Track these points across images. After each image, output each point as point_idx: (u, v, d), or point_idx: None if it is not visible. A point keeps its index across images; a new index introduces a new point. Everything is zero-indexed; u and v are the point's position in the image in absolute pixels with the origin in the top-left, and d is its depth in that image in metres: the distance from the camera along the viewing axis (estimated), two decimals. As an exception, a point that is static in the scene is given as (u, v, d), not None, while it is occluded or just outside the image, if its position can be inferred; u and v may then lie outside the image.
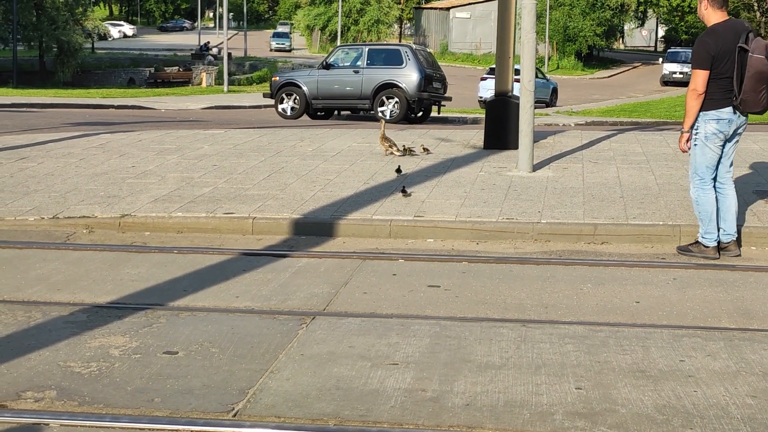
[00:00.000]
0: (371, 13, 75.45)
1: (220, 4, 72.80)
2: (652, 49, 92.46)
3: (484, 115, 13.49)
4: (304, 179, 10.00)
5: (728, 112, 7.42)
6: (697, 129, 7.53)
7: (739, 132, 7.63)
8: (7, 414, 4.34)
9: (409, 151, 11.57)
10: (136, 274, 6.89)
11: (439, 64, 27.66)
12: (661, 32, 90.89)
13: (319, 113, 24.78)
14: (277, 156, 11.62)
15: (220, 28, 76.89)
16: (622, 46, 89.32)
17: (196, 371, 4.91)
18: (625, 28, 79.51)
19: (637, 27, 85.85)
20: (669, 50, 61.91)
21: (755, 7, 56.90)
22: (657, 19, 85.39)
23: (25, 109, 24.88)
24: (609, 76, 65.55)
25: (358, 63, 24.21)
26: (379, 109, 23.25)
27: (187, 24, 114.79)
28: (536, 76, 11.28)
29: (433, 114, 25.47)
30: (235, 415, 4.38)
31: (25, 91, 40.84)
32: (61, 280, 6.69)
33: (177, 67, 62.68)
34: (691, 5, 65.60)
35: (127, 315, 5.86)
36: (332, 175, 10.24)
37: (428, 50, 29.48)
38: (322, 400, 4.55)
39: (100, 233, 8.24)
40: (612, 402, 4.55)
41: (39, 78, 56.41)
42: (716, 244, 7.54)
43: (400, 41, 76.45)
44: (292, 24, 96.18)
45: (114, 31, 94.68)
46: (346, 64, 24.53)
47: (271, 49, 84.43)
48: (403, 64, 23.60)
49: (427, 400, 4.55)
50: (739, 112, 7.44)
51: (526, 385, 4.74)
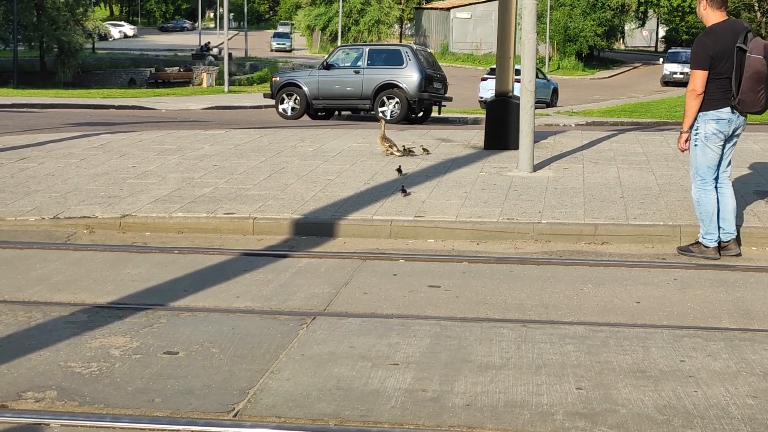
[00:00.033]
0: (372, 14, 75.47)
1: (221, 5, 72.81)
2: (653, 49, 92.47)
3: (484, 116, 13.48)
4: (305, 179, 10.01)
5: (728, 112, 7.42)
6: (697, 129, 7.53)
7: (738, 132, 7.63)
8: (8, 414, 4.34)
9: (409, 152, 11.57)
10: (136, 274, 6.89)
11: (440, 64, 27.66)
12: (662, 32, 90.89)
13: (319, 113, 24.77)
14: (278, 156, 11.62)
15: (221, 28, 76.99)
16: (622, 47, 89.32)
17: (197, 371, 4.91)
18: (626, 28, 79.53)
19: (638, 27, 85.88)
20: (669, 50, 61.90)
21: (756, 7, 56.86)
22: (657, 19, 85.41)
23: (25, 110, 24.88)
24: (609, 77, 65.55)
25: (359, 63, 24.20)
26: (380, 110, 23.25)
27: (187, 24, 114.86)
28: (537, 77, 11.28)
29: (434, 114, 25.46)
30: (235, 416, 4.38)
31: (26, 91, 40.86)
32: (62, 280, 6.70)
33: (177, 68, 62.72)
34: (692, 5, 65.58)
35: (127, 315, 5.86)
36: (333, 175, 10.25)
37: (429, 50, 29.47)
38: (323, 400, 4.55)
39: (101, 233, 8.24)
40: (612, 402, 4.55)
41: (39, 78, 56.45)
42: (717, 245, 7.54)
43: (400, 41, 76.48)
44: (293, 24, 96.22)
45: (114, 32, 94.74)
46: (346, 65, 24.52)
47: (272, 50, 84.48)
48: (404, 65, 23.59)
49: (428, 401, 4.55)
50: (738, 112, 7.45)
51: (526, 386, 4.74)
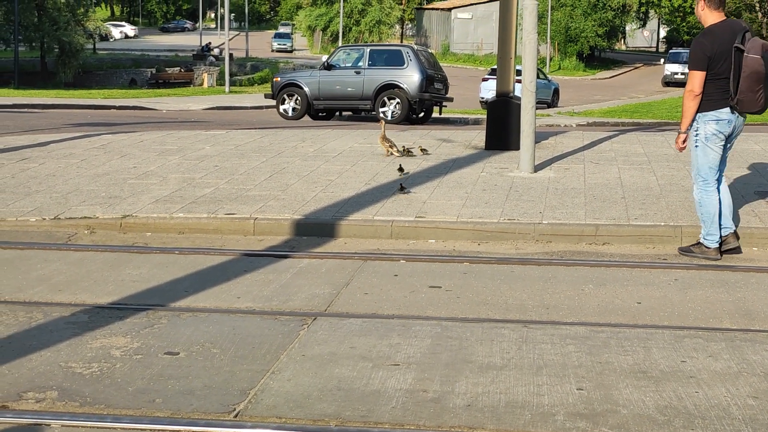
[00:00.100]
0: (373, 14, 75.46)
1: (222, 5, 72.84)
2: (654, 49, 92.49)
3: (485, 116, 13.49)
4: (306, 180, 10.01)
5: (727, 113, 7.41)
6: (697, 130, 7.53)
7: (737, 133, 7.63)
8: (9, 414, 4.34)
9: (408, 152, 11.58)
10: (137, 274, 6.89)
11: (441, 64, 27.66)
12: (663, 33, 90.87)
13: (320, 114, 24.78)
14: (279, 157, 11.62)
15: (222, 28, 77.04)
16: (623, 47, 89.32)
17: (198, 372, 4.91)
18: (627, 28, 79.54)
19: (639, 28, 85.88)
20: (670, 51, 61.93)
21: (757, 8, 56.86)
22: (659, 19, 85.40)
23: (26, 110, 24.89)
24: (610, 77, 65.57)
25: (360, 64, 24.21)
26: (381, 110, 23.25)
27: (188, 25, 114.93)
28: (538, 77, 11.28)
29: (435, 115, 25.47)
30: (236, 416, 4.38)
31: (27, 91, 40.87)
32: (63, 280, 6.70)
33: (178, 68, 62.72)
34: (693, 6, 65.48)
35: (128, 316, 5.86)
36: (333, 175, 10.24)
37: (430, 51, 29.48)
38: (324, 400, 4.55)
39: (102, 234, 8.24)
40: (613, 403, 4.55)
41: (40, 79, 56.49)
42: (718, 246, 7.53)
43: (401, 42, 76.46)
44: (294, 25, 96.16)
45: (115, 32, 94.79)
46: (347, 65, 24.53)
47: (273, 50, 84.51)
48: (405, 65, 23.60)
49: (429, 401, 4.55)
50: (737, 113, 7.44)
51: (527, 386, 4.74)
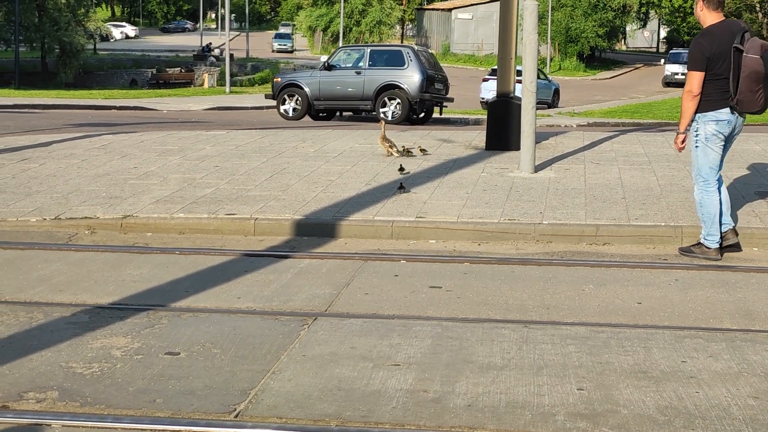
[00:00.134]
0: (373, 15, 75.45)
1: (222, 5, 72.85)
2: (654, 50, 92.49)
3: (485, 116, 13.48)
4: (306, 180, 10.01)
5: (727, 113, 7.42)
6: (697, 131, 7.53)
7: (736, 133, 7.64)
8: (9, 415, 4.34)
9: (408, 153, 11.58)
10: (138, 275, 6.89)
11: (441, 65, 27.66)
12: (663, 33, 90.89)
13: (321, 114, 24.78)
14: (279, 157, 11.63)
15: (222, 29, 77.04)
16: (624, 47, 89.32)
17: (198, 372, 4.91)
18: (627, 29, 79.57)
19: (639, 28, 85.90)
20: (671, 51, 61.93)
21: (757, 8, 56.84)
22: (659, 20, 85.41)
23: (27, 110, 24.89)
24: (611, 77, 65.57)
25: (360, 64, 24.20)
26: (381, 110, 23.25)
27: (189, 25, 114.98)
28: (538, 77, 11.27)
29: (435, 115, 25.47)
30: (237, 416, 4.38)
31: (27, 92, 40.87)
32: (63, 280, 6.70)
33: (179, 68, 62.74)
34: (693, 6, 65.54)
35: (128, 316, 5.86)
36: (334, 176, 10.24)
37: (430, 51, 29.49)
38: (324, 400, 4.55)
39: (102, 234, 8.24)
40: (614, 403, 4.55)
41: (41, 79, 56.52)
42: (718, 246, 7.53)
43: (402, 42, 76.44)
44: (294, 25, 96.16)
45: (116, 32, 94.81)
46: (348, 65, 24.52)
47: (273, 50, 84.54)
48: (405, 65, 23.59)
49: (429, 401, 4.55)
50: (737, 113, 7.45)
51: (527, 386, 4.74)
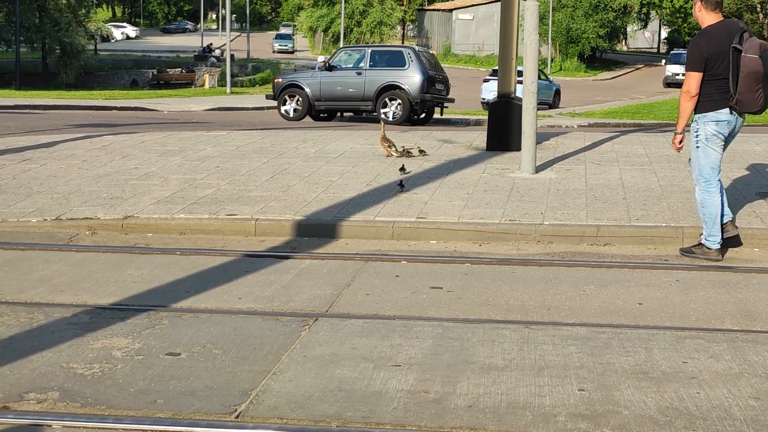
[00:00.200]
0: (374, 15, 75.44)
1: (223, 6, 72.85)
2: (655, 50, 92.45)
3: (486, 117, 13.48)
4: (307, 181, 10.01)
5: (726, 114, 7.42)
6: (698, 132, 7.54)
7: (735, 133, 7.64)
8: (10, 415, 4.34)
9: (408, 153, 11.59)
10: (138, 275, 6.89)
11: (442, 65, 27.66)
12: (664, 34, 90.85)
13: (321, 115, 24.78)
14: (280, 157, 11.63)
15: (223, 29, 77.02)
16: (624, 48, 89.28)
17: (199, 373, 4.91)
18: (628, 29, 79.46)
19: (640, 29, 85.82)
20: (672, 52, 61.91)
21: (758, 9, 56.83)
22: (660, 20, 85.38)
23: (27, 111, 24.90)
24: (612, 78, 65.56)
25: (361, 65, 24.19)
26: (382, 111, 23.25)
27: (189, 26, 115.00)
28: (539, 78, 11.26)
29: (436, 116, 25.46)
30: (237, 417, 4.38)
31: (28, 92, 40.88)
32: (64, 281, 6.70)
33: (180, 69, 62.75)
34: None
35: (129, 316, 5.86)
36: (335, 176, 10.24)
37: (431, 52, 29.47)
38: (325, 401, 4.55)
39: (103, 235, 8.24)
40: (615, 404, 4.54)
41: (42, 79, 56.51)
42: (719, 246, 7.53)
43: (402, 43, 76.47)
44: (295, 26, 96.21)
45: (117, 33, 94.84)
46: (348, 66, 24.52)
47: (274, 51, 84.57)
48: (406, 66, 23.58)
49: (430, 402, 4.55)
50: (736, 113, 7.45)
51: (528, 387, 4.74)
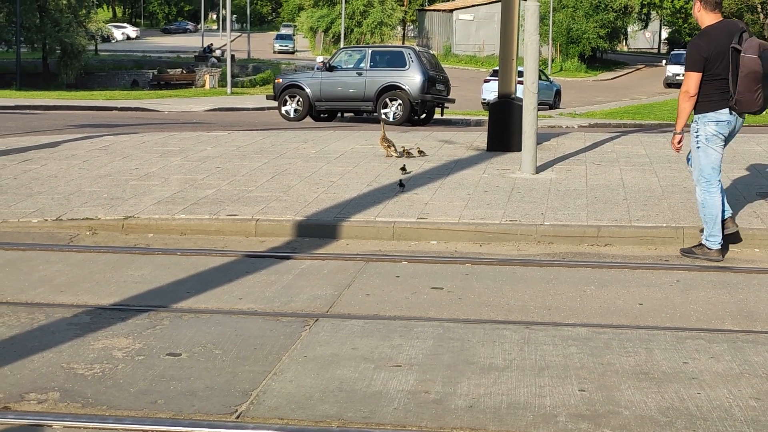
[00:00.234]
0: (374, 15, 75.40)
1: (224, 6, 72.86)
2: (656, 51, 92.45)
3: (487, 117, 13.49)
4: (308, 181, 10.01)
5: (726, 114, 7.43)
6: (698, 132, 7.55)
7: (735, 134, 7.65)
8: (11, 416, 4.34)
9: (408, 154, 11.59)
10: (139, 275, 6.89)
11: (443, 65, 27.65)
12: (665, 34, 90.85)
13: (322, 115, 24.77)
14: (281, 158, 11.63)
15: (224, 30, 77.04)
16: (625, 48, 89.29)
17: (200, 373, 4.91)
18: (629, 30, 79.47)
19: (641, 29, 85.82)
20: (672, 52, 61.91)
21: (759, 9, 56.82)
22: (660, 21, 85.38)
23: (28, 111, 24.90)
24: (612, 78, 65.56)
25: (362, 65, 24.19)
26: (382, 111, 23.24)
27: (190, 26, 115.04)
28: (539, 78, 11.27)
29: (437, 116, 25.46)
30: (238, 417, 4.38)
31: (29, 93, 40.88)
32: (65, 281, 6.70)
33: (180, 69, 62.72)
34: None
35: (130, 317, 5.86)
36: (335, 177, 10.24)
37: (431, 52, 29.48)
38: (326, 401, 4.55)
39: (104, 235, 8.24)
40: (615, 404, 4.54)
41: (42, 80, 56.51)
42: (720, 247, 7.53)
43: (403, 43, 76.45)
44: (296, 26, 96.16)
45: (117, 33, 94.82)
46: (349, 66, 24.51)
47: (275, 51, 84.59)
48: (407, 66, 23.57)
49: (431, 402, 4.55)
50: (736, 113, 7.45)
51: (529, 387, 4.74)
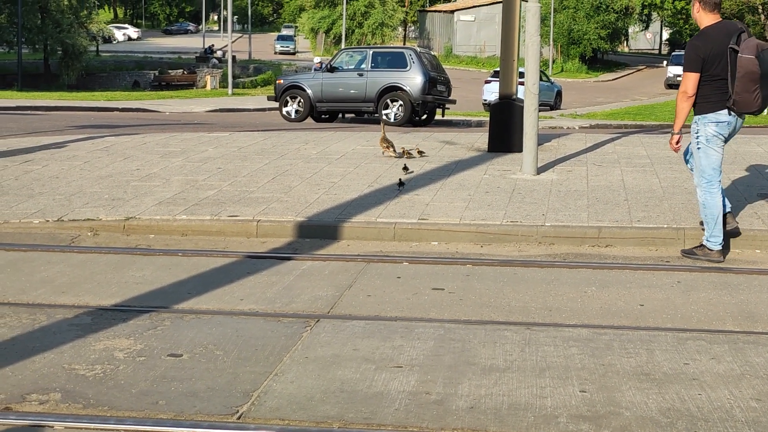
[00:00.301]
0: (375, 16, 75.46)
1: (225, 7, 72.88)
2: (657, 52, 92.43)
3: (488, 118, 13.49)
4: (309, 182, 10.01)
5: (726, 115, 7.43)
6: (698, 133, 7.55)
7: (734, 134, 7.66)
8: (12, 416, 4.34)
9: (408, 154, 11.59)
10: (140, 276, 6.90)
11: (444, 66, 27.65)
12: (666, 35, 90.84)
13: (323, 116, 24.78)
14: (282, 159, 11.63)
15: (225, 31, 77.06)
16: (626, 49, 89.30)
17: (201, 374, 4.92)
18: (630, 31, 79.47)
19: (642, 30, 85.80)
20: (673, 53, 61.89)
21: (759, 10, 56.80)
22: (661, 22, 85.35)
23: (29, 112, 24.92)
24: (613, 79, 65.56)
25: (363, 66, 24.19)
26: (383, 112, 23.25)
27: (191, 27, 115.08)
28: (540, 79, 11.27)
29: (437, 117, 25.46)
30: (239, 418, 4.38)
31: (30, 93, 40.89)
32: (66, 282, 6.70)
33: (181, 70, 62.77)
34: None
35: (131, 317, 5.87)
36: (336, 177, 10.25)
37: (432, 53, 29.47)
38: (327, 402, 4.55)
39: (105, 236, 8.25)
40: (616, 405, 4.55)
41: (44, 81, 56.53)
42: (721, 248, 7.53)
43: (404, 44, 76.46)
44: (297, 27, 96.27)
45: (118, 34, 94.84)
46: (350, 67, 24.52)
47: (276, 52, 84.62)
48: (408, 67, 23.58)
49: (431, 403, 4.55)
50: (735, 114, 7.45)
51: (530, 388, 4.74)
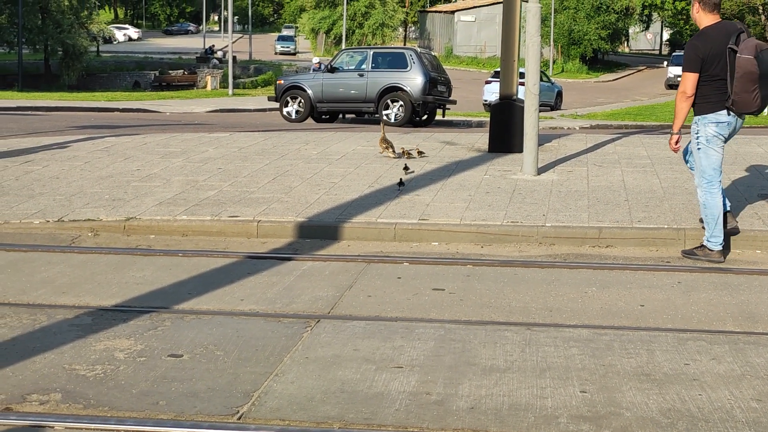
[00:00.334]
0: (376, 17, 75.46)
1: (225, 8, 72.87)
2: (657, 52, 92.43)
3: (488, 119, 13.49)
4: (309, 182, 10.01)
5: (725, 115, 7.43)
6: (698, 134, 7.55)
7: (734, 134, 7.66)
8: (12, 417, 4.35)
9: (407, 155, 11.60)
10: (141, 277, 6.90)
11: (444, 67, 27.67)
12: (666, 35, 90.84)
13: (323, 116, 24.78)
14: (282, 159, 11.63)
15: (225, 31, 77.07)
16: (627, 50, 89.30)
17: (201, 374, 4.92)
18: (630, 31, 79.49)
19: (642, 30, 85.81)
20: (674, 54, 61.88)
21: (760, 10, 56.81)
22: (662, 22, 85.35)
23: (30, 113, 24.93)
24: (614, 80, 65.56)
25: (363, 66, 24.20)
26: (384, 113, 23.25)
27: (192, 27, 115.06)
28: (541, 80, 11.27)
29: (438, 117, 25.46)
30: (239, 418, 4.38)
31: (31, 94, 40.90)
32: (66, 283, 6.70)
33: (182, 71, 62.78)
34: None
35: (132, 318, 5.87)
36: (337, 178, 10.25)
37: (433, 53, 29.49)
38: (327, 403, 4.55)
39: (105, 236, 8.25)
40: (617, 405, 4.55)
41: (44, 81, 56.53)
42: (721, 248, 7.53)
43: (404, 44, 76.44)
44: (297, 27, 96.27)
45: (119, 35, 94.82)
46: (350, 68, 24.52)
47: (276, 53, 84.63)
48: (408, 68, 23.58)
49: (432, 404, 4.55)
50: (734, 114, 7.45)
51: (530, 389, 4.74)
